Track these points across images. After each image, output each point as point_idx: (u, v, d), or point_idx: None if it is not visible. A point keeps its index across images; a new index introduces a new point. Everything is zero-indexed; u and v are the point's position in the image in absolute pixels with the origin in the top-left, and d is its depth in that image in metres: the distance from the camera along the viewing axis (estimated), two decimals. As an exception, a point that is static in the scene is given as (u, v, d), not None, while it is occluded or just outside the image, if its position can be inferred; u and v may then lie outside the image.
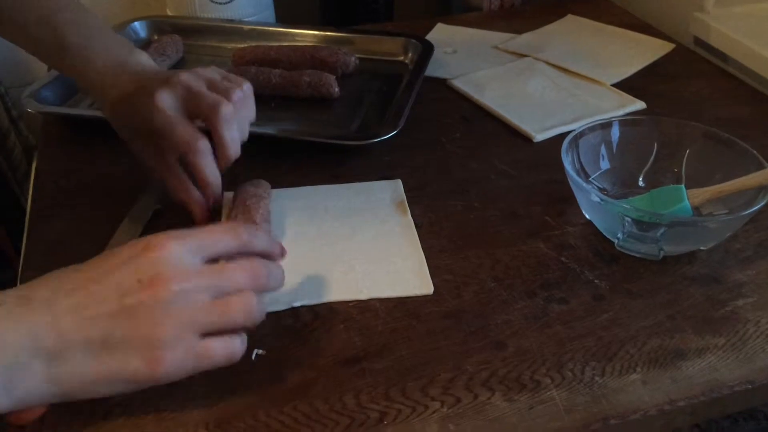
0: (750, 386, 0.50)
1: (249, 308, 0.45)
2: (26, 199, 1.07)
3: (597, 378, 0.50)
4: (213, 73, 0.61)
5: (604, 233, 0.62)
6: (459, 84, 0.89)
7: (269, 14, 1.09)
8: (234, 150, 0.58)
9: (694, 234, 0.59)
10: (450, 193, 0.69)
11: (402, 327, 0.54)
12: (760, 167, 0.60)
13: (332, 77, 0.85)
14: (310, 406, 0.48)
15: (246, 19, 1.03)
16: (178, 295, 0.42)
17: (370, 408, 0.48)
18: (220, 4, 1.01)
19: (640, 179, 0.68)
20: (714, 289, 0.58)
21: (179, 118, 0.57)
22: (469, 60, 0.96)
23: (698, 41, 1.00)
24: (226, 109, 0.57)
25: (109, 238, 0.62)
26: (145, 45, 0.95)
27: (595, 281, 0.59)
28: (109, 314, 0.41)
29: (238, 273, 0.45)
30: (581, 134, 0.66)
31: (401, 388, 0.49)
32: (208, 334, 0.43)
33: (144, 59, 0.62)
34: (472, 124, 0.82)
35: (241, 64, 0.87)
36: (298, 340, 0.53)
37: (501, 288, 0.58)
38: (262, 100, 0.83)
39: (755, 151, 0.62)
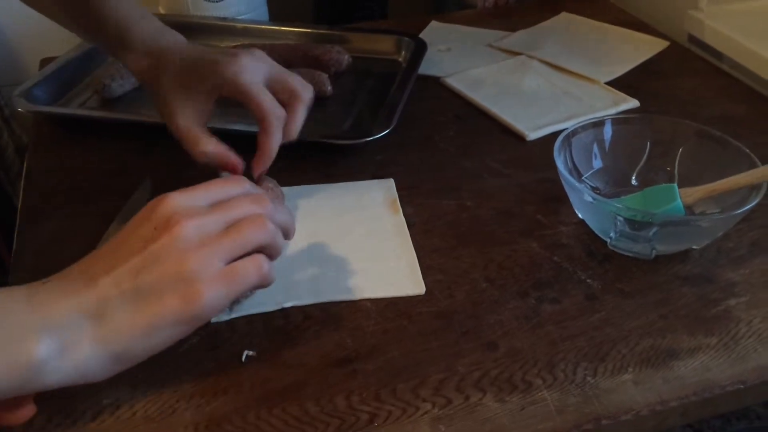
0: (742, 386, 0.50)
1: (262, 225, 0.46)
2: (19, 199, 1.06)
3: (589, 378, 0.50)
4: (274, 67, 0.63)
5: (597, 232, 0.62)
6: (452, 82, 0.89)
7: (262, 12, 1.09)
8: (296, 134, 0.61)
9: (686, 233, 0.59)
10: (443, 191, 0.69)
11: (393, 327, 0.54)
12: (753, 166, 0.60)
13: (325, 76, 0.85)
14: (300, 407, 0.48)
15: (239, 17, 1.03)
16: (195, 229, 0.44)
17: (361, 409, 0.48)
18: (212, 2, 1.00)
19: (633, 178, 0.68)
20: (706, 288, 0.58)
21: (263, 86, 0.60)
22: (463, 58, 0.96)
23: (693, 39, 1.00)
24: (310, 96, 0.62)
25: (100, 238, 0.61)
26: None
27: (588, 281, 0.58)
28: (137, 265, 0.42)
29: (244, 202, 0.47)
30: (574, 133, 0.65)
31: (392, 389, 0.49)
32: (230, 261, 0.45)
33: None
34: (466, 123, 0.82)
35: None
36: (289, 341, 0.53)
37: (493, 288, 0.58)
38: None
39: (748, 150, 0.62)
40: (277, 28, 0.97)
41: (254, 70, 0.59)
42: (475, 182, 0.71)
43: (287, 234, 0.50)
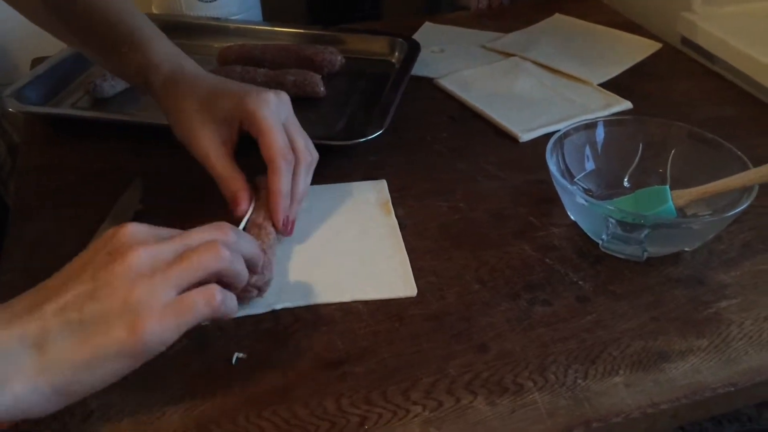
0: (733, 388, 0.50)
1: (215, 252, 0.44)
2: (10, 198, 1.06)
3: (579, 381, 0.50)
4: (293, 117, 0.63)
5: (589, 234, 0.62)
6: (446, 83, 0.89)
7: (256, 12, 1.09)
8: (302, 194, 0.61)
9: (678, 235, 0.59)
10: (435, 193, 0.69)
11: (384, 330, 0.54)
12: (745, 168, 0.60)
13: (318, 76, 0.84)
14: (290, 410, 0.47)
15: (232, 18, 1.03)
16: (148, 258, 0.42)
17: (351, 412, 0.47)
18: (206, 2, 1.00)
19: (625, 180, 0.68)
20: (698, 290, 0.58)
21: (282, 127, 0.59)
22: (456, 59, 0.96)
23: (685, 41, 1.00)
24: (312, 160, 0.62)
25: (91, 238, 0.61)
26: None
27: (579, 283, 0.58)
28: (84, 293, 0.41)
29: (204, 230, 0.46)
30: (566, 135, 0.65)
31: (382, 391, 0.49)
32: (184, 290, 0.43)
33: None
34: (459, 124, 0.82)
35: (226, 63, 0.86)
36: (279, 343, 0.52)
37: (485, 290, 0.58)
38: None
39: (740, 152, 0.62)
40: (268, 28, 0.97)
41: (276, 109, 0.59)
42: (467, 184, 0.71)
43: (253, 266, 0.49)
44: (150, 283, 0.42)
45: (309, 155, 0.61)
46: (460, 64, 0.94)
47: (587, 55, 0.96)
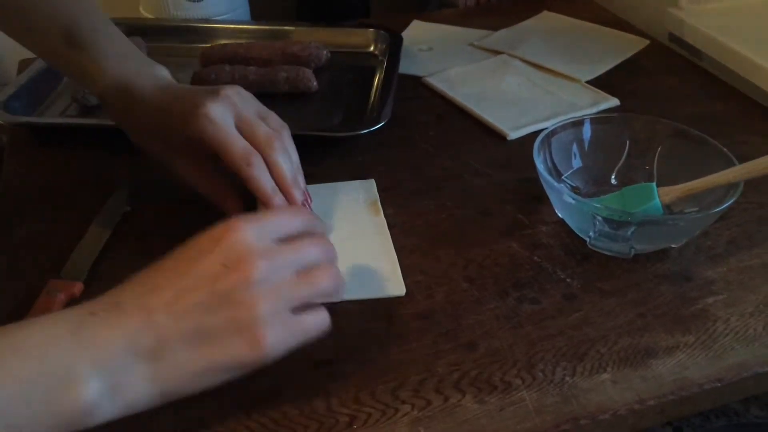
0: (719, 384, 0.50)
1: (335, 277, 0.46)
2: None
3: (567, 378, 0.50)
4: (252, 99, 0.60)
5: (577, 232, 0.62)
6: (433, 81, 0.89)
7: (244, 12, 1.08)
8: (289, 181, 0.57)
9: (664, 232, 0.59)
10: (423, 192, 0.69)
11: (373, 329, 0.54)
12: (730, 164, 0.61)
13: (309, 71, 0.85)
14: (279, 411, 0.48)
15: (219, 17, 1.02)
16: (267, 273, 0.42)
17: (340, 412, 0.48)
18: (193, 1, 0.99)
19: (613, 177, 0.68)
20: (684, 286, 0.58)
21: (235, 131, 0.56)
22: (444, 57, 0.96)
23: (673, 37, 1.00)
24: (280, 144, 0.57)
25: (79, 240, 0.61)
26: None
27: (567, 280, 0.59)
28: (202, 304, 0.41)
29: (312, 248, 0.46)
30: (553, 133, 0.66)
31: (371, 391, 0.49)
32: (296, 308, 0.44)
33: (166, 73, 0.62)
34: (447, 123, 0.82)
35: (210, 64, 0.86)
36: (268, 343, 0.52)
37: (473, 288, 0.58)
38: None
39: (725, 149, 0.63)
40: (250, 27, 0.98)
41: (221, 117, 0.56)
42: (455, 182, 0.71)
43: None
44: (271, 300, 0.42)
45: (275, 134, 0.57)
46: (448, 63, 0.94)
47: (575, 52, 0.96)
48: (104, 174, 0.72)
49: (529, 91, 0.87)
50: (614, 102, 0.84)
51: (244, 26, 0.98)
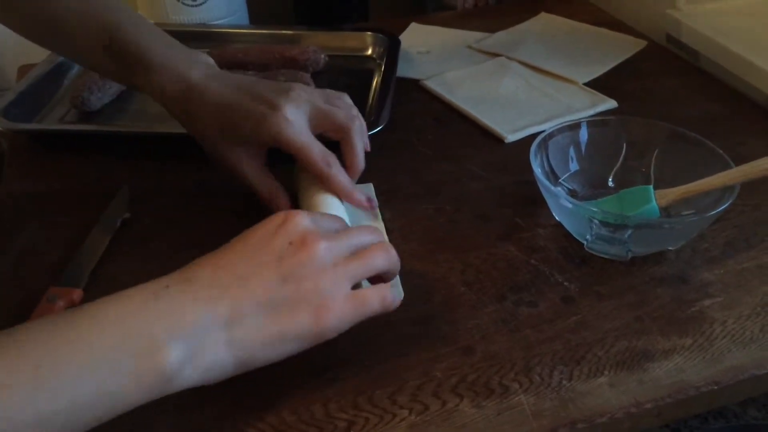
0: (716, 387, 0.50)
1: (387, 252, 0.49)
2: None
3: (565, 382, 0.50)
4: (317, 90, 0.64)
5: (574, 235, 0.63)
6: (431, 84, 0.89)
7: (242, 15, 1.09)
8: (363, 164, 0.63)
9: (661, 235, 0.60)
10: (421, 196, 0.69)
11: (371, 334, 0.54)
12: (727, 166, 0.61)
13: (308, 75, 0.85)
14: (277, 417, 0.48)
15: (218, 21, 1.03)
16: (329, 250, 0.46)
17: (338, 417, 0.48)
18: (191, 6, 1.00)
19: (610, 180, 0.68)
20: (681, 289, 0.58)
21: (311, 135, 0.60)
22: (442, 60, 0.96)
23: (670, 38, 1.00)
24: (361, 124, 0.64)
25: (80, 246, 0.61)
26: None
27: (565, 283, 0.59)
28: (273, 278, 0.44)
29: (365, 233, 0.50)
30: (550, 136, 0.66)
31: (369, 396, 0.49)
32: (357, 285, 0.48)
33: (211, 60, 0.65)
34: (445, 126, 0.82)
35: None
36: (267, 349, 0.53)
37: (471, 292, 0.58)
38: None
39: (722, 151, 0.63)
40: (246, 31, 0.98)
41: (297, 120, 0.59)
42: (453, 186, 0.71)
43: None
44: (333, 275, 0.45)
45: (352, 121, 0.62)
46: (446, 65, 0.94)
47: (573, 54, 0.96)
48: (104, 180, 0.72)
49: (526, 94, 0.87)
50: (612, 104, 0.85)
51: (243, 30, 0.99)
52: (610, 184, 0.68)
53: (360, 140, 0.63)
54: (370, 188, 0.69)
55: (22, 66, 0.95)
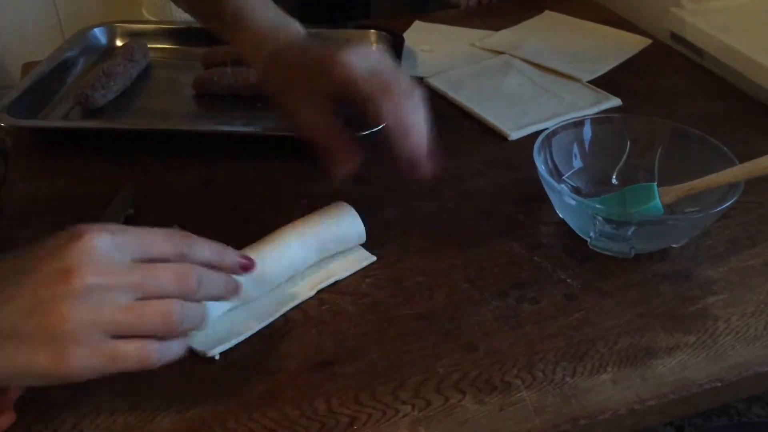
0: (719, 384, 0.50)
1: (167, 315, 0.42)
2: (3, 201, 1.06)
3: (567, 378, 0.50)
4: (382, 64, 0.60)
5: (578, 232, 0.63)
6: (435, 82, 0.89)
7: (246, 14, 1.08)
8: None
9: (665, 232, 0.60)
10: (424, 193, 0.69)
11: (374, 330, 0.54)
12: (731, 164, 0.61)
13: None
14: (280, 412, 0.48)
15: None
16: (92, 290, 0.40)
17: (341, 413, 0.48)
18: (195, 4, 1.00)
19: (614, 177, 0.68)
20: (685, 286, 0.58)
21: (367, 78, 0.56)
22: (446, 58, 0.96)
23: (674, 36, 1.00)
24: (415, 92, 0.58)
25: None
26: (108, 51, 0.94)
27: (567, 280, 0.59)
28: (22, 307, 0.40)
29: (165, 275, 0.43)
30: (554, 133, 0.66)
31: (372, 391, 0.49)
32: (121, 336, 0.41)
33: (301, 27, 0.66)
34: (448, 123, 0.82)
35: (212, 66, 0.86)
36: (269, 345, 0.53)
37: (473, 289, 0.58)
38: (243, 100, 0.84)
39: (726, 149, 0.63)
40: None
41: (360, 61, 0.57)
42: (456, 183, 0.71)
43: (198, 325, 0.45)
44: (84, 321, 0.40)
45: (411, 87, 0.57)
46: (450, 64, 0.94)
47: (577, 52, 0.96)
48: (107, 177, 0.72)
49: (530, 92, 0.87)
50: (616, 102, 0.84)
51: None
52: (614, 181, 0.68)
53: (414, 107, 0.57)
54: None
55: (25, 63, 0.95)
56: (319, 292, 0.57)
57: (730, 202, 0.57)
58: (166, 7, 1.01)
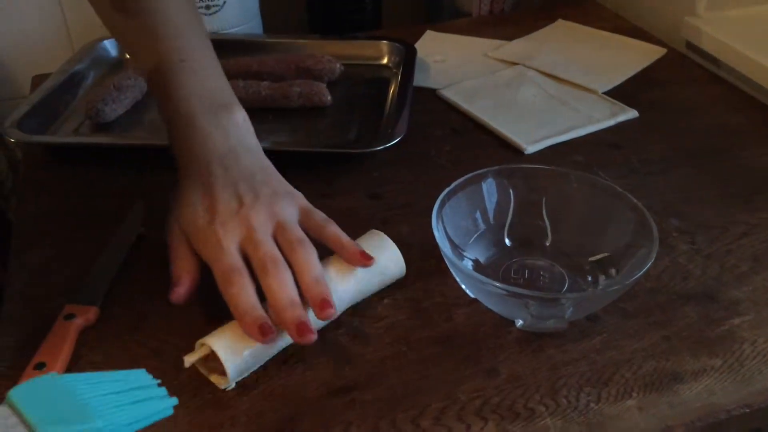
0: (748, 410, 0.49)
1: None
2: (12, 214, 1.05)
3: (592, 404, 0.49)
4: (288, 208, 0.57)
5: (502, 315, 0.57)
6: (448, 94, 0.88)
7: (256, 24, 1.08)
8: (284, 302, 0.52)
9: (599, 301, 0.55)
10: (440, 210, 0.68)
11: (392, 354, 0.53)
12: (612, 189, 0.58)
13: (323, 86, 0.84)
14: (298, 440, 0.47)
15: (232, 30, 1.02)
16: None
17: (360, 442, 0.47)
18: (205, 15, 0.99)
19: (506, 239, 0.63)
20: (709, 307, 0.57)
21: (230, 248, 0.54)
22: (458, 69, 0.95)
23: (690, 46, 0.99)
24: (274, 266, 0.52)
25: (93, 263, 0.60)
26: (118, 64, 0.93)
27: (589, 301, 0.57)
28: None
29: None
30: (443, 202, 0.60)
31: (391, 419, 0.48)
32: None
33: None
34: (462, 137, 0.81)
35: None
36: (286, 370, 0.52)
37: (493, 311, 0.57)
38: (253, 113, 0.82)
39: (608, 180, 0.60)
40: (262, 40, 0.99)
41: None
42: (473, 199, 0.70)
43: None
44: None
45: (270, 256, 0.53)
46: (463, 74, 0.93)
47: (591, 62, 0.95)
48: (118, 193, 0.71)
49: (545, 104, 0.86)
50: (633, 113, 0.83)
51: (258, 39, 0.98)
52: (507, 243, 0.63)
53: (276, 282, 0.51)
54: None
55: (35, 76, 0.95)
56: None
57: (649, 264, 0.52)
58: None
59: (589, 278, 0.59)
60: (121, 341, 0.54)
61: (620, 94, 0.88)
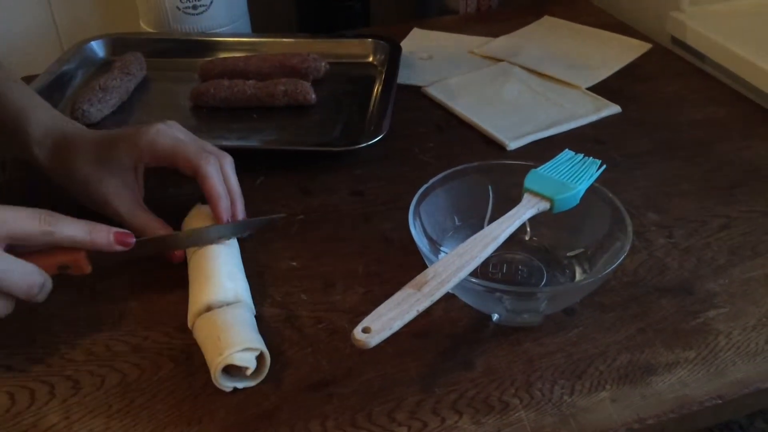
0: (720, 401, 0.49)
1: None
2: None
3: (566, 397, 0.50)
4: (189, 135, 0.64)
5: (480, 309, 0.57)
6: (433, 91, 0.88)
7: (244, 23, 1.08)
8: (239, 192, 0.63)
9: (572, 295, 0.56)
10: (422, 206, 0.68)
11: (370, 349, 0.53)
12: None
13: (308, 84, 0.84)
14: (274, 434, 0.47)
15: (220, 30, 1.02)
16: None
17: (336, 435, 0.47)
18: (192, 14, 0.99)
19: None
20: (685, 300, 0.57)
21: (184, 140, 0.61)
22: (444, 66, 0.96)
23: (675, 40, 0.99)
24: (232, 163, 0.63)
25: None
26: (105, 64, 0.94)
27: (566, 295, 0.58)
28: None
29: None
30: (420, 199, 0.60)
31: (368, 413, 0.49)
32: None
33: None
34: (446, 133, 0.82)
35: (209, 78, 0.86)
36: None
37: (471, 305, 0.57)
38: (239, 112, 0.83)
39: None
40: (247, 39, 0.98)
41: (171, 131, 0.61)
42: (454, 195, 0.70)
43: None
44: None
45: (225, 155, 0.63)
46: (448, 71, 0.93)
47: (576, 58, 0.95)
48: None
49: (529, 99, 0.86)
50: (616, 109, 0.84)
51: (244, 39, 0.98)
52: None
53: (231, 171, 0.62)
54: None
55: (24, 77, 0.95)
56: (315, 310, 0.57)
57: (622, 258, 0.52)
58: (163, 19, 1.00)
59: (567, 272, 0.60)
60: (102, 338, 0.55)
61: (605, 89, 0.88)
